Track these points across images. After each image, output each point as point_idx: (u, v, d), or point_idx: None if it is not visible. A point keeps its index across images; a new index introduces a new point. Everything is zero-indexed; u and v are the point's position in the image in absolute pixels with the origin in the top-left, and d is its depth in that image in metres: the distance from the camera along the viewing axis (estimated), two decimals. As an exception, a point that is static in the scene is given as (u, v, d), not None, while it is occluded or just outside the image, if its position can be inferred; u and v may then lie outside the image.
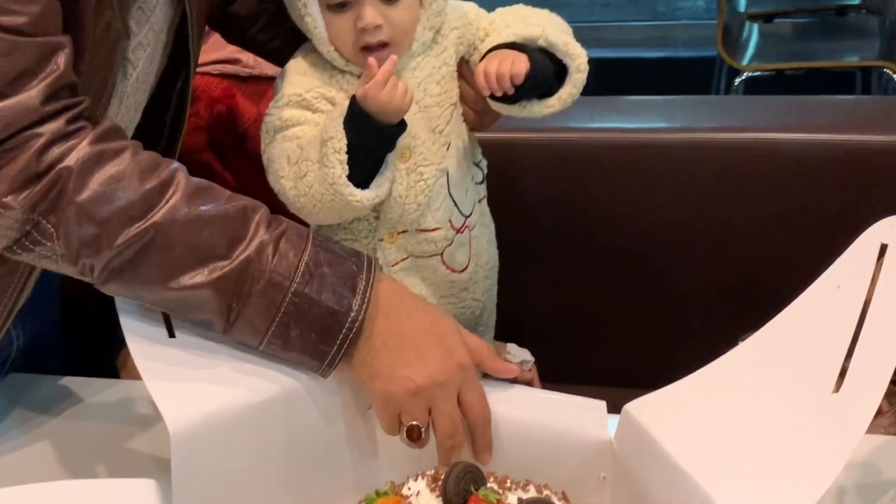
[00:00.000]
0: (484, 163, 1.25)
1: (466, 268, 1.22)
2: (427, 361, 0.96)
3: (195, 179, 0.95)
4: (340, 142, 1.05)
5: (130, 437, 1.10)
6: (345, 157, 1.05)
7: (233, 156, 1.48)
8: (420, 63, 1.12)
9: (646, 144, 1.55)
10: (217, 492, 0.91)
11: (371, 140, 1.06)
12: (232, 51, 1.45)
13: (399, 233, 1.16)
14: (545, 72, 1.10)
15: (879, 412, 1.34)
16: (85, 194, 0.90)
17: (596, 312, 1.64)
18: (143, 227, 0.90)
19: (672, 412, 0.93)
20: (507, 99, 1.10)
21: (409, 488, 0.88)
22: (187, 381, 0.93)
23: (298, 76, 1.13)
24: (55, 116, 0.90)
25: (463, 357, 0.98)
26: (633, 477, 0.94)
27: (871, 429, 1.13)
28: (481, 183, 1.25)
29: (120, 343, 1.38)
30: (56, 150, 0.89)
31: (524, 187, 1.58)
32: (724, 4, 3.09)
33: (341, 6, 1.07)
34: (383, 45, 1.08)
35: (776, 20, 3.55)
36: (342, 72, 1.12)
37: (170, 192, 0.92)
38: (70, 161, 0.89)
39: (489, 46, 1.12)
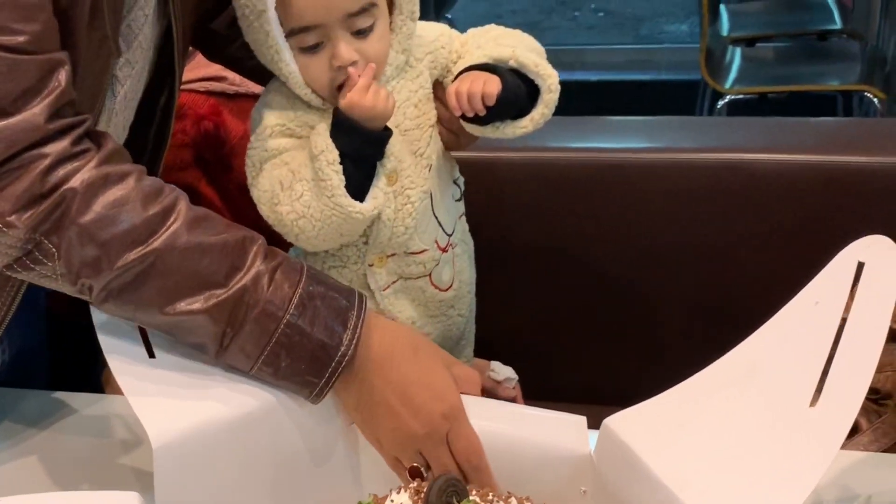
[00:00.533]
0: (461, 180, 1.26)
1: (451, 285, 1.23)
2: (413, 413, 0.98)
3: (196, 208, 0.97)
4: (333, 153, 1.06)
5: (114, 452, 1.11)
6: (339, 167, 1.06)
7: (219, 173, 1.49)
8: (396, 87, 1.13)
9: (627, 164, 1.56)
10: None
11: (362, 146, 1.08)
12: (218, 68, 1.46)
13: (388, 256, 1.17)
14: (517, 92, 1.11)
15: (859, 430, 1.35)
16: (88, 216, 0.91)
17: (577, 330, 1.64)
18: (143, 251, 0.92)
19: (651, 426, 0.94)
20: (479, 120, 1.12)
21: (392, 500, 0.88)
22: (169, 397, 0.94)
23: (278, 109, 1.13)
24: (60, 136, 0.91)
25: (450, 405, 0.99)
26: (612, 490, 0.95)
27: (851, 447, 1.15)
28: (460, 200, 1.26)
29: (104, 361, 1.39)
30: (61, 171, 0.90)
31: (505, 206, 1.59)
32: (706, 28, 3.12)
33: (314, 47, 1.08)
34: None
35: (758, 44, 3.58)
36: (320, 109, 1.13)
37: (171, 219, 0.93)
38: (75, 182, 0.90)
39: (462, 68, 1.14)
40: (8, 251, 0.92)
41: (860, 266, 0.92)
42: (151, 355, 0.97)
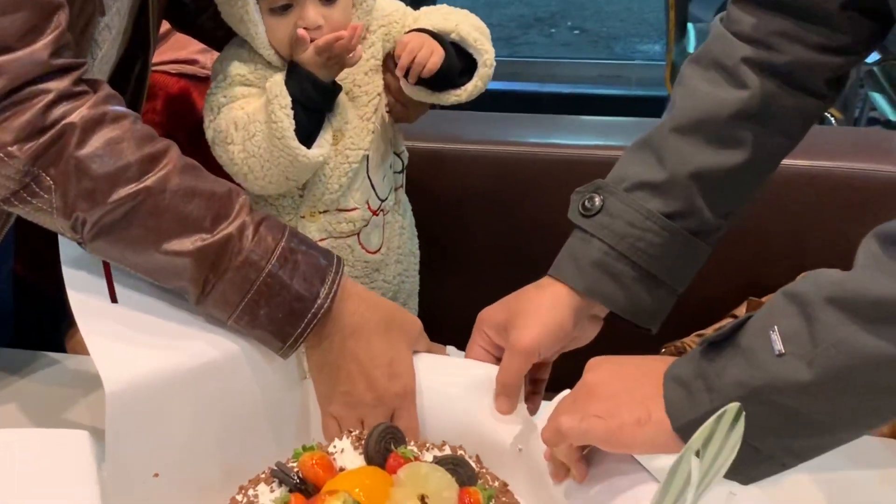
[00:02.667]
0: (405, 154, 1.34)
1: (379, 249, 1.30)
2: (369, 385, 1.03)
3: (186, 158, 1.01)
4: (285, 98, 1.13)
5: (71, 408, 1.14)
6: (290, 111, 1.13)
7: (189, 151, 1.53)
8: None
9: (580, 160, 1.60)
10: (150, 450, 0.95)
11: (312, 94, 1.15)
12: (191, 52, 1.52)
13: (321, 212, 1.24)
14: (452, 66, 1.20)
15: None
16: (85, 150, 0.95)
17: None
18: (136, 189, 0.95)
19: None
20: (418, 83, 1.20)
21: (335, 446, 0.94)
22: (127, 343, 0.97)
23: (238, 61, 1.21)
24: (62, 74, 0.95)
25: (404, 384, 1.04)
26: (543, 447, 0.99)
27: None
28: (400, 172, 1.34)
29: (68, 324, 1.42)
30: (62, 107, 0.94)
31: (463, 198, 1.63)
32: (672, 44, 3.21)
33: (285, 8, 1.15)
34: None
35: (724, 62, 3.66)
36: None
37: (164, 162, 0.98)
38: (75, 118, 0.94)
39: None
40: (7, 183, 0.95)
41: None
42: (114, 300, 1.01)
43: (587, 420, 0.87)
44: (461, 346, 1.48)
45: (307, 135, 1.16)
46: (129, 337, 0.98)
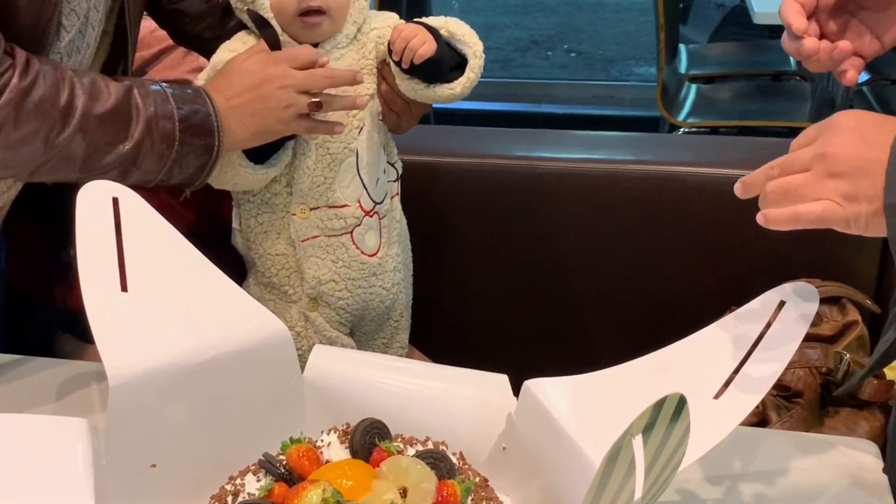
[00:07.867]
0: (399, 164, 1.39)
1: (377, 253, 1.33)
2: (260, 81, 1.18)
3: (80, 73, 1.11)
4: None
5: (61, 412, 1.12)
6: None
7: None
8: (343, 55, 1.27)
9: (569, 173, 1.66)
10: (149, 441, 0.97)
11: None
12: (182, 72, 1.56)
13: (311, 209, 1.28)
14: (445, 60, 1.26)
15: (769, 423, 1.45)
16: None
17: (515, 329, 1.73)
18: (68, 133, 1.10)
19: (566, 393, 1.01)
20: (408, 72, 1.26)
21: (322, 440, 0.97)
22: (132, 335, 0.98)
23: (228, 52, 1.28)
24: None
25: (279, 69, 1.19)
26: (527, 447, 1.01)
27: (762, 435, 1.23)
28: (395, 181, 1.38)
29: (59, 333, 1.45)
30: None
31: (457, 210, 1.68)
32: (662, 63, 3.25)
33: None
34: (320, 13, 1.23)
35: (715, 83, 3.71)
36: None
37: (76, 102, 1.09)
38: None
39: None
40: None
41: (781, 304, 0.99)
42: (125, 289, 1.02)
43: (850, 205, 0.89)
44: (453, 358, 1.52)
45: (264, 152, 1.23)
46: (134, 329, 0.99)
